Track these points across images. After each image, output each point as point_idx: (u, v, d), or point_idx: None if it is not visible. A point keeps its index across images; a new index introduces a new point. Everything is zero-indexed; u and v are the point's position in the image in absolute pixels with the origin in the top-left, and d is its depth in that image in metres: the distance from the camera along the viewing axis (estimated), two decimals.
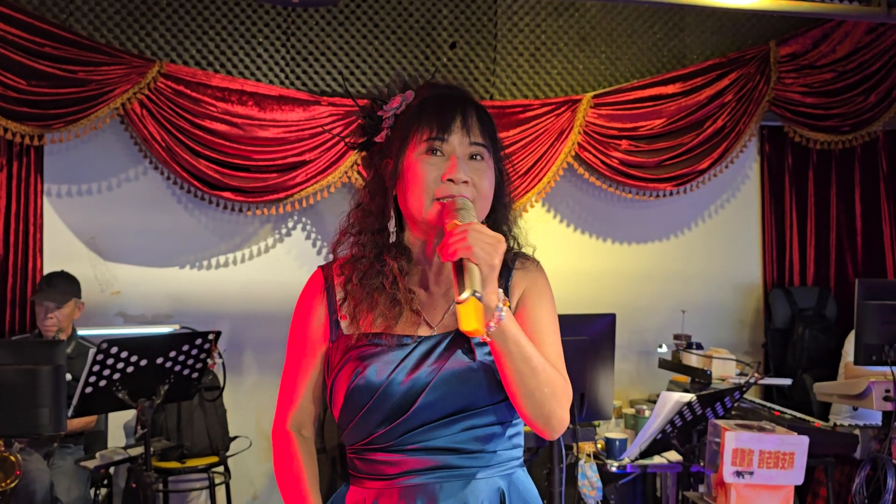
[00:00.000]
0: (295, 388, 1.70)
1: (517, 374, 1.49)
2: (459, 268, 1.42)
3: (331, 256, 1.66)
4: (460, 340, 1.57)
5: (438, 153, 1.58)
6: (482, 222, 1.64)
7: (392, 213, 1.64)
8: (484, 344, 1.54)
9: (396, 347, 1.57)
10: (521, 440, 1.66)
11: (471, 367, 1.54)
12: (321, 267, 1.73)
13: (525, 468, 1.69)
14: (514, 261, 1.70)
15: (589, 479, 3.73)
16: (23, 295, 4.63)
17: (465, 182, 1.56)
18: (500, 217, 1.69)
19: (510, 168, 1.72)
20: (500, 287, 1.62)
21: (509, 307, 1.57)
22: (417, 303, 1.62)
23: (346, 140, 1.72)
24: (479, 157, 1.60)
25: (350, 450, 1.63)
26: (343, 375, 1.58)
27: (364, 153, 1.73)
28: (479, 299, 1.38)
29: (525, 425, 1.63)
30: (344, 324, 1.64)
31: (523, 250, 1.74)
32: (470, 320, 1.38)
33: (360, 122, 1.70)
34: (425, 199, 1.56)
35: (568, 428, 3.43)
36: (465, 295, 1.38)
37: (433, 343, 1.57)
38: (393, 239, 1.64)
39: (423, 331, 1.60)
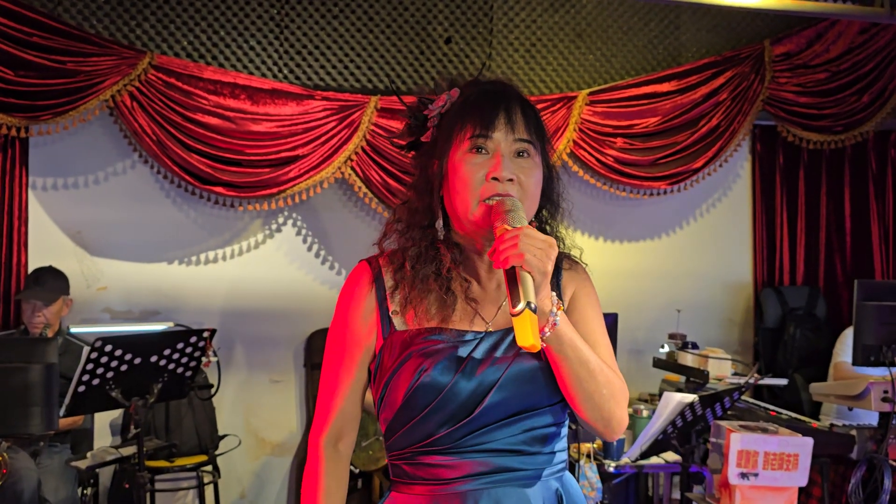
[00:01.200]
0: (336, 391, 1.62)
1: (575, 377, 1.47)
2: (512, 276, 1.36)
3: (322, 252, 1.59)
4: None
5: (483, 151, 1.53)
6: (529, 222, 1.60)
7: (440, 213, 1.59)
8: None
9: (460, 344, 1.51)
10: (566, 442, 1.63)
11: (537, 366, 1.51)
12: (366, 259, 1.66)
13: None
14: (562, 261, 1.66)
15: (589, 479, 3.70)
16: (7, 290, 4.53)
17: (511, 180, 1.51)
18: (547, 216, 1.65)
19: None
20: (551, 289, 1.58)
21: (563, 310, 1.52)
22: (473, 294, 1.58)
23: (395, 140, 1.68)
24: (525, 154, 1.55)
25: (399, 455, 1.56)
26: (404, 374, 1.51)
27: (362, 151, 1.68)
28: (534, 311, 1.33)
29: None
30: (397, 319, 1.57)
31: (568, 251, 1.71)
32: (526, 335, 1.32)
33: (407, 122, 1.66)
34: (471, 200, 1.51)
35: (570, 428, 3.41)
36: (519, 307, 1.33)
37: (496, 340, 1.52)
38: (442, 237, 1.59)
39: (481, 326, 1.55)
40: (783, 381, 4.74)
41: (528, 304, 1.33)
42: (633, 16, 5.30)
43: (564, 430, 1.60)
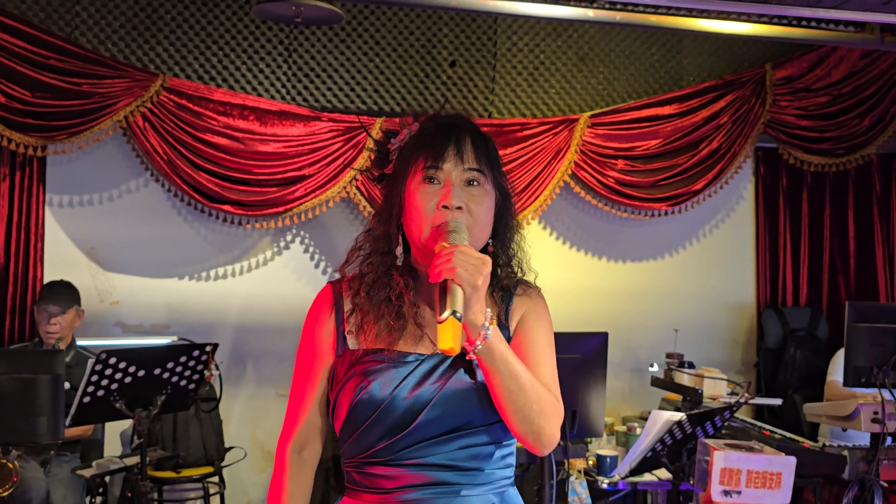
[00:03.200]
0: (301, 403, 1.75)
1: (505, 390, 1.56)
2: (444, 288, 1.48)
3: (328, 269, 1.71)
4: (461, 361, 1.62)
5: (434, 181, 1.64)
6: (484, 246, 1.70)
7: (400, 240, 1.70)
8: None
9: (400, 364, 1.62)
10: (513, 460, 1.72)
11: (471, 387, 1.61)
12: (330, 282, 1.79)
13: (515, 486, 1.74)
14: (516, 286, 1.75)
15: (579, 495, 3.77)
16: (22, 303, 4.67)
17: (460, 208, 1.62)
18: (501, 241, 1.74)
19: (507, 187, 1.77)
20: (501, 310, 1.70)
21: (500, 326, 1.65)
22: (421, 319, 1.68)
23: (372, 172, 1.80)
24: (475, 183, 1.66)
25: (349, 463, 1.68)
26: (347, 390, 1.63)
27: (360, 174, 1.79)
28: (459, 319, 1.45)
29: (517, 443, 1.69)
30: (350, 339, 1.69)
31: (526, 276, 1.78)
32: (446, 339, 1.45)
33: (374, 155, 1.79)
34: (424, 227, 1.63)
35: (559, 444, 3.48)
36: (444, 315, 1.45)
37: (436, 361, 1.63)
38: (400, 262, 1.70)
39: (426, 348, 1.65)
40: (777, 401, 4.79)
41: (454, 312, 1.45)
42: (635, 40, 5.39)
43: (507, 450, 1.69)
